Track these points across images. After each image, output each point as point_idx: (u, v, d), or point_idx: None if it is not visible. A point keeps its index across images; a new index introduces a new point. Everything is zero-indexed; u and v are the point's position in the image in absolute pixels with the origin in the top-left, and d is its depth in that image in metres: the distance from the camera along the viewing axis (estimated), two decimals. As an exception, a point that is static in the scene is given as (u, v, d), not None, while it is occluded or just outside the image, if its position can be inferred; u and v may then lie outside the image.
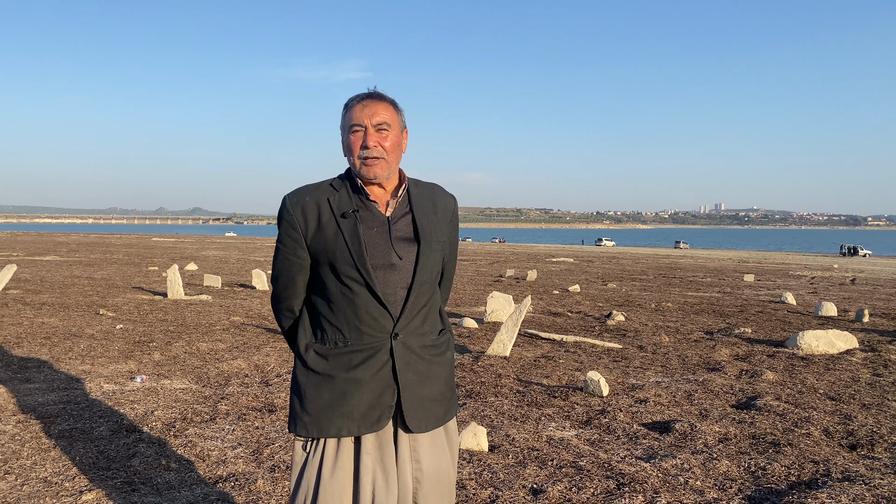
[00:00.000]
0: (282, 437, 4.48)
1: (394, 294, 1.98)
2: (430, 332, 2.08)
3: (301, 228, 2.00)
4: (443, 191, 2.18)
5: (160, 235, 71.61)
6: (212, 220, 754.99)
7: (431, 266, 2.05)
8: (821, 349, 8.08)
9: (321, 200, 2.01)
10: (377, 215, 2.02)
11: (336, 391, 1.97)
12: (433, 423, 2.06)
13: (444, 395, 2.10)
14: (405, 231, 2.02)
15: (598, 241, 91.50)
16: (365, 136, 1.98)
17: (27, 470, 3.80)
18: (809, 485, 3.78)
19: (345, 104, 2.04)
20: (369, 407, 1.97)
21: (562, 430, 4.80)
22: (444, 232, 2.11)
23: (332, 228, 1.98)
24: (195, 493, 3.54)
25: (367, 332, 1.97)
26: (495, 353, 7.51)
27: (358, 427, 1.96)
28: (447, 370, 2.12)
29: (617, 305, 13.16)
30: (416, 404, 2.01)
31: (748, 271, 27.04)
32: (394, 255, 1.99)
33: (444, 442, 2.12)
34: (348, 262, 1.95)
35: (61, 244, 39.19)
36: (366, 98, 2.02)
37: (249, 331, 8.94)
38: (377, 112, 1.99)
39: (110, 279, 16.34)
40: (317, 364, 2.00)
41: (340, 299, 1.98)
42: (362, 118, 1.98)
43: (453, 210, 2.18)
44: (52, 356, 6.86)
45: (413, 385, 2.01)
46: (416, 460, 2.04)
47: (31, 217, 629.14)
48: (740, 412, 5.33)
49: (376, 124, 1.98)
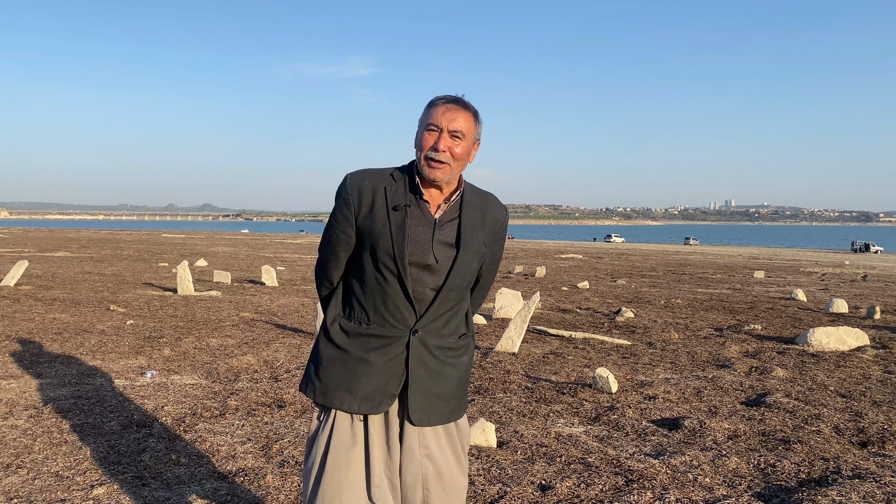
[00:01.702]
0: (291, 432, 4.50)
1: (423, 293, 2.04)
2: (451, 335, 2.13)
3: (354, 208, 2.06)
4: (496, 202, 2.21)
5: (170, 231, 71.95)
6: (221, 216, 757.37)
7: (465, 274, 2.10)
8: (831, 346, 8.04)
9: (378, 187, 2.06)
10: (426, 215, 2.06)
11: (348, 367, 2.06)
12: (437, 420, 2.12)
13: (454, 396, 2.15)
14: (448, 236, 2.07)
15: (607, 237, 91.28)
16: (439, 137, 2.01)
17: (39, 464, 3.83)
18: (819, 482, 3.76)
19: (430, 101, 2.07)
20: (374, 390, 2.05)
21: (570, 427, 4.80)
22: (486, 242, 2.15)
23: (382, 217, 2.03)
24: (205, 487, 3.56)
25: (390, 321, 2.04)
26: (504, 349, 7.51)
27: (358, 406, 2.05)
28: (461, 372, 2.17)
29: (626, 302, 13.13)
30: (422, 399, 2.07)
31: (758, 268, 26.91)
32: (431, 256, 2.04)
33: (453, 433, 2.18)
34: (388, 253, 2.01)
35: (72, 240, 39.43)
36: (451, 102, 2.04)
37: (259, 327, 8.98)
38: (457, 119, 2.02)
39: (121, 275, 16.43)
40: (338, 337, 2.09)
41: (373, 284, 2.05)
42: (441, 120, 2.01)
43: (502, 223, 2.22)
44: (64, 351, 6.91)
45: (422, 380, 2.07)
46: (423, 446, 2.11)
47: (43, 213, 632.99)
48: (750, 409, 5.31)
49: (452, 130, 2.01)
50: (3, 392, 5.27)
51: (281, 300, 12.14)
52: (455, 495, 2.16)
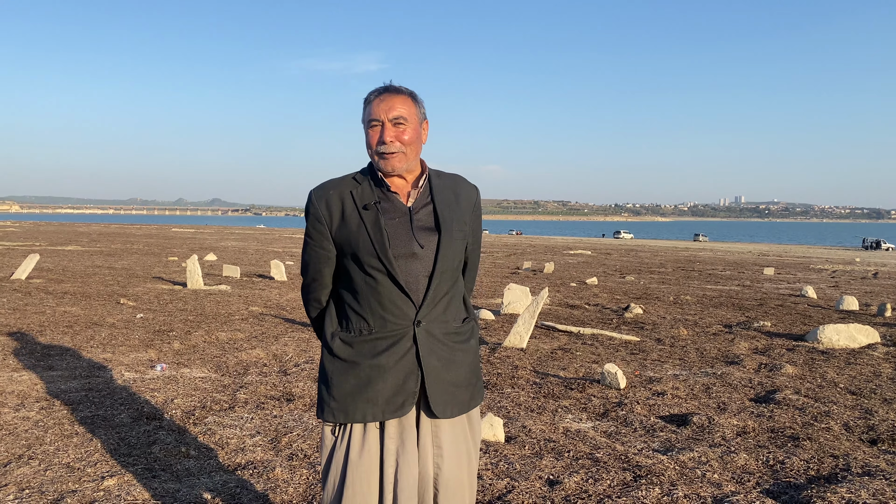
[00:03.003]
0: (300, 425, 4.51)
1: (416, 282, 2.02)
2: (453, 320, 2.12)
3: (326, 221, 2.05)
4: (465, 181, 2.21)
5: (179, 226, 72.22)
6: (231, 211, 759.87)
7: (453, 255, 2.08)
8: (841, 343, 8.00)
9: (344, 193, 2.05)
10: (398, 206, 2.05)
11: (361, 377, 2.02)
12: (458, 409, 2.10)
13: (470, 382, 2.14)
14: (426, 221, 2.06)
15: (616, 233, 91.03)
16: (382, 130, 2.01)
17: (50, 455, 3.86)
18: (829, 479, 3.75)
19: (364, 99, 2.06)
20: (393, 393, 2.01)
21: (578, 422, 4.80)
22: (466, 222, 2.14)
23: (355, 220, 2.02)
24: (214, 480, 3.58)
25: (390, 319, 2.01)
26: (512, 344, 7.51)
27: (382, 412, 2.01)
28: (471, 357, 2.16)
29: (635, 298, 13.10)
30: (440, 390, 2.05)
31: (768, 264, 26.78)
32: (415, 244, 2.02)
33: (465, 429, 2.16)
34: (371, 253, 1.99)
35: (83, 234, 39.66)
36: (383, 92, 2.04)
37: (268, 320, 9.01)
38: (394, 106, 2.01)
39: (131, 269, 16.51)
40: (342, 351, 2.05)
41: (364, 288, 2.03)
42: (379, 113, 2.01)
43: (475, 201, 2.21)
44: (75, 344, 6.96)
45: (437, 371, 2.05)
46: (437, 445, 2.08)
47: (54, 208, 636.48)
48: (759, 406, 5.29)
49: (393, 118, 2.00)
50: (15, 384, 5.31)
51: (290, 294, 12.18)
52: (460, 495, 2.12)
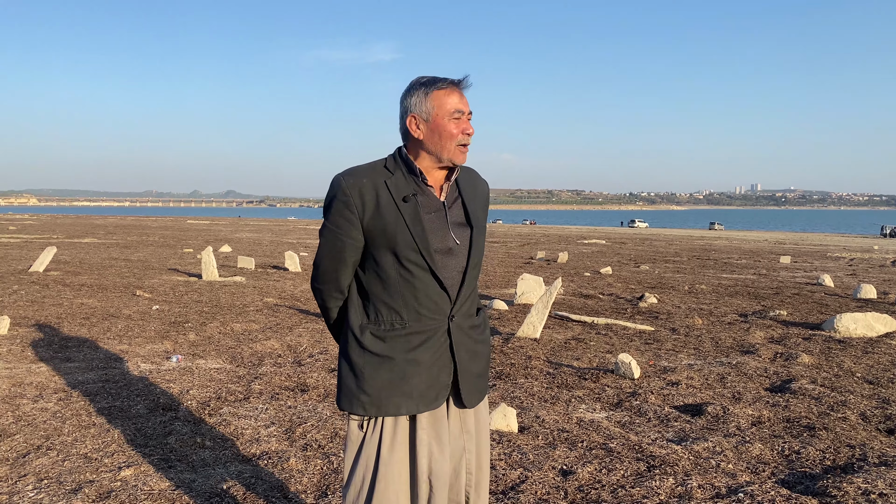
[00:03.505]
0: (314, 416, 4.54)
1: (452, 278, 2.03)
2: (474, 314, 2.15)
3: (358, 210, 1.98)
4: (479, 176, 2.24)
5: (194, 218, 72.63)
6: (245, 202, 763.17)
7: (481, 250, 2.12)
8: (859, 332, 7.92)
9: (378, 183, 1.99)
10: (434, 200, 2.05)
11: (396, 372, 2.01)
12: (479, 398, 2.17)
13: (486, 372, 2.20)
14: (458, 216, 2.08)
15: (631, 222, 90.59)
16: (467, 122, 2.04)
17: (68, 446, 3.91)
18: (845, 469, 3.72)
19: (433, 86, 2.00)
20: (428, 386, 2.03)
21: (592, 412, 4.79)
22: (483, 216, 2.18)
23: (392, 212, 1.97)
24: (229, 470, 3.61)
25: (425, 314, 2.01)
26: (525, 334, 7.50)
27: (417, 405, 2.02)
28: (488, 348, 2.22)
29: (649, 288, 13.04)
30: (469, 381, 2.10)
31: (784, 253, 26.55)
32: (452, 239, 2.03)
33: (485, 414, 2.24)
34: (411, 247, 1.97)
35: (99, 227, 39.99)
36: (457, 85, 2.04)
37: (282, 312, 9.05)
38: (467, 101, 2.05)
39: (146, 261, 16.64)
40: (374, 345, 2.01)
41: (399, 282, 1.99)
42: (463, 105, 2.02)
43: (487, 195, 2.25)
44: (92, 336, 7.03)
45: (466, 363, 2.09)
46: (466, 431, 2.14)
47: (70, 200, 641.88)
48: (774, 395, 5.25)
49: (469, 112, 2.05)
50: (33, 375, 5.38)
51: (304, 285, 12.22)
52: (486, 476, 2.22)
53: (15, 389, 5.00)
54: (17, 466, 3.61)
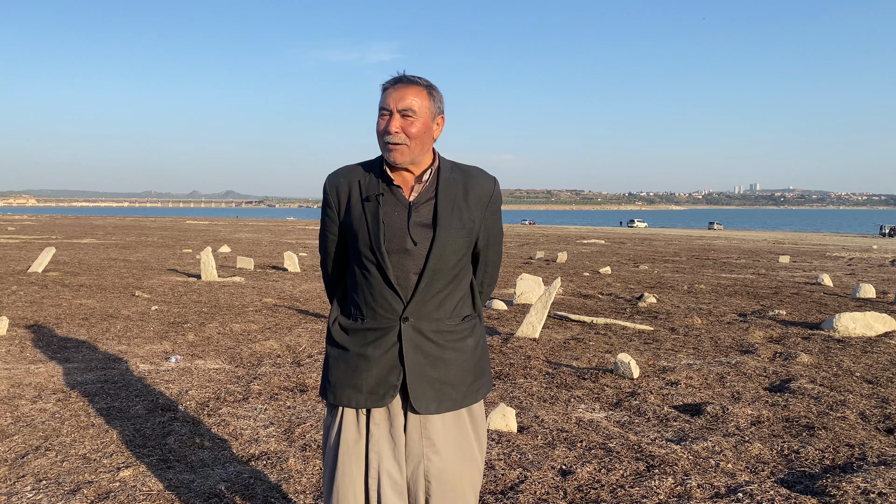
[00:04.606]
0: (313, 416, 4.54)
1: (405, 279, 2.01)
2: (448, 318, 2.06)
3: (335, 207, 2.11)
4: (482, 174, 2.12)
5: (193, 218, 72.60)
6: (244, 202, 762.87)
7: (449, 253, 2.02)
8: (858, 332, 7.92)
9: (353, 181, 2.08)
10: (400, 199, 2.03)
11: (350, 364, 2.07)
12: (447, 406, 2.05)
13: (463, 380, 2.08)
14: (425, 217, 2.02)
15: (630, 222, 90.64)
16: (389, 119, 1.98)
17: (67, 446, 3.90)
18: (844, 469, 3.72)
19: (381, 85, 2.04)
20: (376, 383, 2.04)
21: (591, 412, 4.79)
22: (474, 218, 2.07)
23: (358, 210, 2.05)
24: (228, 470, 3.61)
25: (380, 312, 2.04)
26: (524, 334, 7.50)
27: (365, 400, 2.05)
28: (466, 355, 2.09)
29: (648, 287, 13.04)
30: (423, 386, 2.03)
31: (783, 252, 26.57)
32: (409, 240, 2.00)
33: (465, 424, 2.11)
34: (366, 245, 2.02)
35: (98, 227, 39.98)
36: (397, 82, 2.01)
37: (281, 312, 9.05)
38: (405, 97, 1.98)
39: (145, 261, 16.63)
40: (339, 336, 2.12)
41: (360, 278, 2.07)
42: (389, 102, 1.99)
43: (491, 194, 2.12)
44: (90, 336, 7.02)
45: (422, 367, 2.03)
46: (426, 437, 2.05)
47: (69, 201, 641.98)
48: (773, 395, 5.26)
49: (401, 109, 1.97)
50: (32, 376, 5.37)
51: (303, 286, 12.22)
52: (459, 488, 2.07)
53: (14, 390, 5.00)
54: (16, 467, 3.60)
